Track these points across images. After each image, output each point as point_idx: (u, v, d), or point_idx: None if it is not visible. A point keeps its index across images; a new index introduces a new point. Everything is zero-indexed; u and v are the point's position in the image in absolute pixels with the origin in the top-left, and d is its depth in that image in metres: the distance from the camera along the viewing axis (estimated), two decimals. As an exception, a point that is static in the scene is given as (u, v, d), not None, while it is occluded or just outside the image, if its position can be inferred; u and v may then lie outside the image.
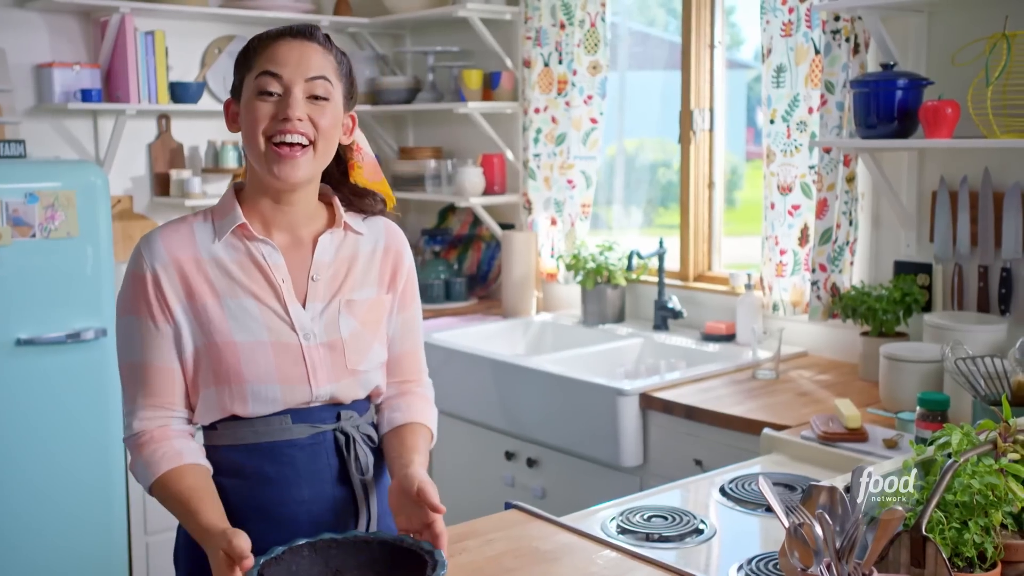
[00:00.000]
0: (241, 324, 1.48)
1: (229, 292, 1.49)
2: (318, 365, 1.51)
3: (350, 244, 1.58)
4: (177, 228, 1.51)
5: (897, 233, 2.81)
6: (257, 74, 1.46)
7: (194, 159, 3.86)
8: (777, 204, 2.95)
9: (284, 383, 1.48)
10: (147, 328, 1.48)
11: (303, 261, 1.54)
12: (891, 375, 2.41)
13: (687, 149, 3.38)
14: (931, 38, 2.67)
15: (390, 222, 1.66)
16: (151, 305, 1.47)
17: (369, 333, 1.57)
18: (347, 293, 1.56)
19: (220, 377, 1.47)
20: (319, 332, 1.52)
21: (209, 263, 1.49)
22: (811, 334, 3.02)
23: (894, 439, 2.10)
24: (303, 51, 1.47)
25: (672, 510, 1.83)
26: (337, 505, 1.54)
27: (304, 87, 1.46)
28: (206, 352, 1.48)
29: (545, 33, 3.53)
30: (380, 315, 1.60)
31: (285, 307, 1.50)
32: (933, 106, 2.42)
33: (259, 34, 1.51)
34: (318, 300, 1.53)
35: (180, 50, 3.74)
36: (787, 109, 2.89)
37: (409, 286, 1.65)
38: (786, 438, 2.19)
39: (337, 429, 1.54)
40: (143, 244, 1.49)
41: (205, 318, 1.47)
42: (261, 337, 1.48)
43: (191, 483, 1.43)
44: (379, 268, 1.60)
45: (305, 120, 1.45)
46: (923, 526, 1.25)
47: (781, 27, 2.87)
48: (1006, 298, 2.56)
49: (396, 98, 4.03)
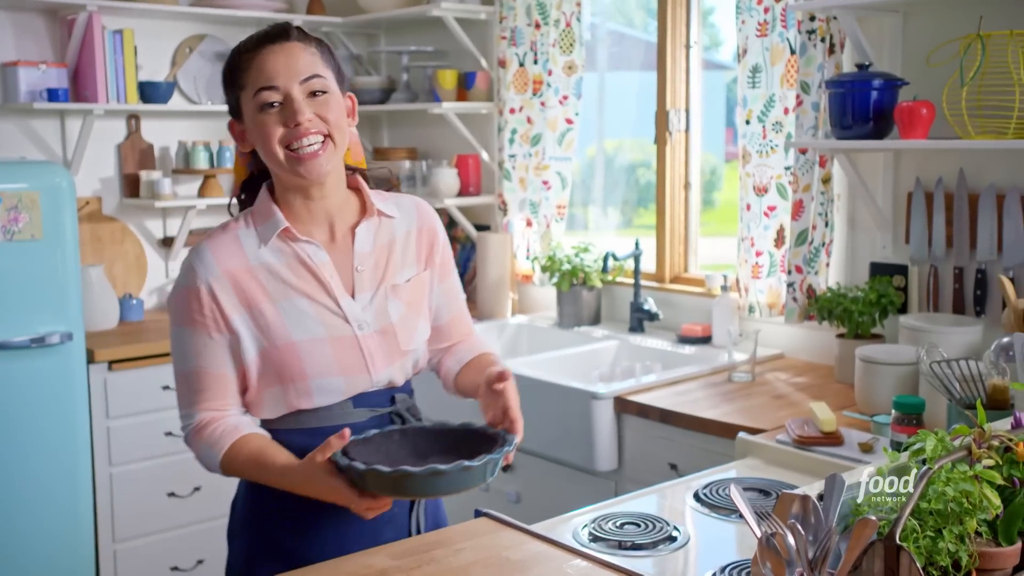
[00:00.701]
0: (297, 323, 1.55)
1: (282, 295, 1.56)
2: (374, 352, 1.59)
3: (385, 230, 1.64)
4: (223, 238, 1.57)
5: (873, 234, 2.80)
6: (253, 92, 1.51)
7: (164, 160, 3.81)
8: (753, 205, 2.93)
9: (345, 374, 1.57)
10: (201, 338, 1.54)
11: (345, 254, 1.60)
12: (866, 377, 2.39)
13: (663, 150, 3.35)
14: (906, 38, 2.65)
15: (419, 200, 1.72)
16: (206, 317, 1.53)
17: (414, 313, 1.65)
18: (391, 278, 1.63)
19: (284, 376, 1.55)
20: (371, 320, 1.59)
21: (259, 269, 1.56)
22: (787, 336, 3.00)
23: (869, 443, 2.08)
24: (288, 55, 1.51)
25: (645, 517, 1.80)
26: None
27: (300, 88, 1.50)
28: (268, 354, 1.55)
29: (520, 33, 3.49)
30: (423, 293, 1.68)
31: (336, 302, 1.58)
32: (908, 107, 2.40)
33: (238, 48, 1.54)
34: (366, 290, 1.60)
35: (150, 49, 3.68)
36: (763, 110, 2.87)
37: (446, 257, 1.73)
38: (761, 442, 2.17)
39: (393, 412, 1.64)
40: (195, 258, 1.55)
41: (263, 322, 1.54)
42: (318, 334, 1.55)
43: (257, 443, 1.54)
44: (415, 247, 1.67)
45: (314, 119, 1.50)
46: (897, 535, 1.23)
47: (757, 27, 2.85)
48: (981, 300, 2.55)
49: (370, 98, 3.99)
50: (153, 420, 3.23)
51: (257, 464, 1.53)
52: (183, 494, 3.29)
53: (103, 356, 3.12)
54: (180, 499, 3.29)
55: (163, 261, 3.84)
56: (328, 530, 1.60)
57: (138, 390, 3.20)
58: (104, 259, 3.64)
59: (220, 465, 1.57)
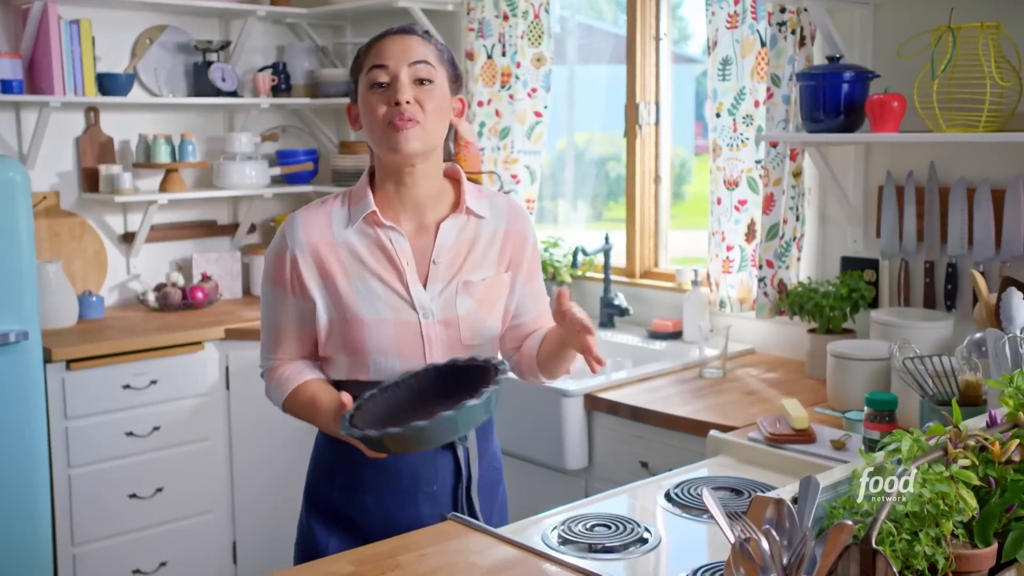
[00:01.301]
0: (367, 302, 1.65)
1: (358, 274, 1.66)
2: (434, 340, 1.67)
3: (472, 228, 1.72)
4: (317, 213, 1.69)
5: (844, 228, 2.78)
6: (367, 69, 1.63)
7: (125, 153, 3.72)
8: (724, 199, 2.90)
9: (402, 356, 1.66)
10: (282, 297, 1.69)
11: (427, 245, 1.69)
12: (838, 373, 2.37)
13: (633, 143, 3.32)
14: (877, 30, 2.63)
15: (514, 203, 1.79)
16: (288, 281, 1.68)
17: (484, 311, 1.71)
18: (466, 274, 1.70)
19: (347, 347, 1.67)
20: (437, 311, 1.67)
21: (342, 247, 1.67)
22: (758, 331, 2.98)
23: (842, 440, 2.06)
24: (404, 42, 1.64)
25: (616, 518, 1.76)
26: (437, 462, 1.71)
27: (408, 71, 1.61)
28: (337, 324, 1.67)
29: (488, 24, 3.44)
30: (498, 293, 1.73)
31: (407, 288, 1.67)
32: (879, 99, 2.38)
33: (368, 40, 1.69)
34: (439, 281, 1.68)
35: (108, 40, 3.59)
36: (733, 102, 2.84)
37: (533, 260, 1.81)
38: (733, 440, 2.14)
39: None
40: (287, 227, 1.69)
41: (336, 296, 1.66)
42: (384, 315, 1.65)
43: (314, 389, 1.68)
44: (499, 249, 1.74)
45: (413, 103, 1.60)
46: (873, 538, 1.20)
47: (727, 19, 2.82)
48: (952, 294, 2.54)
49: (336, 91, 3.92)
50: (114, 420, 3.16)
51: (310, 407, 1.68)
52: (145, 495, 3.22)
53: (61, 355, 3.03)
54: (142, 500, 3.22)
55: (124, 257, 3.75)
56: (368, 496, 1.72)
57: (98, 389, 3.12)
58: (62, 255, 3.55)
59: (283, 405, 1.73)
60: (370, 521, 1.72)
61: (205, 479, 3.37)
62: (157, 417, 3.24)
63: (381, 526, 1.71)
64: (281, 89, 3.95)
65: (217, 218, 4.02)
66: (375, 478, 1.70)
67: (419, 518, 1.71)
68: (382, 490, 1.71)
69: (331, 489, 1.76)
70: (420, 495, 1.71)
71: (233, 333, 3.37)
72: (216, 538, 3.41)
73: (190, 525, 3.34)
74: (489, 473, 1.81)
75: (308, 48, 4.07)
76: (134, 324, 3.42)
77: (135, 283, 3.79)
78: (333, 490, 1.75)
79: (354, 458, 1.67)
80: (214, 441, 3.38)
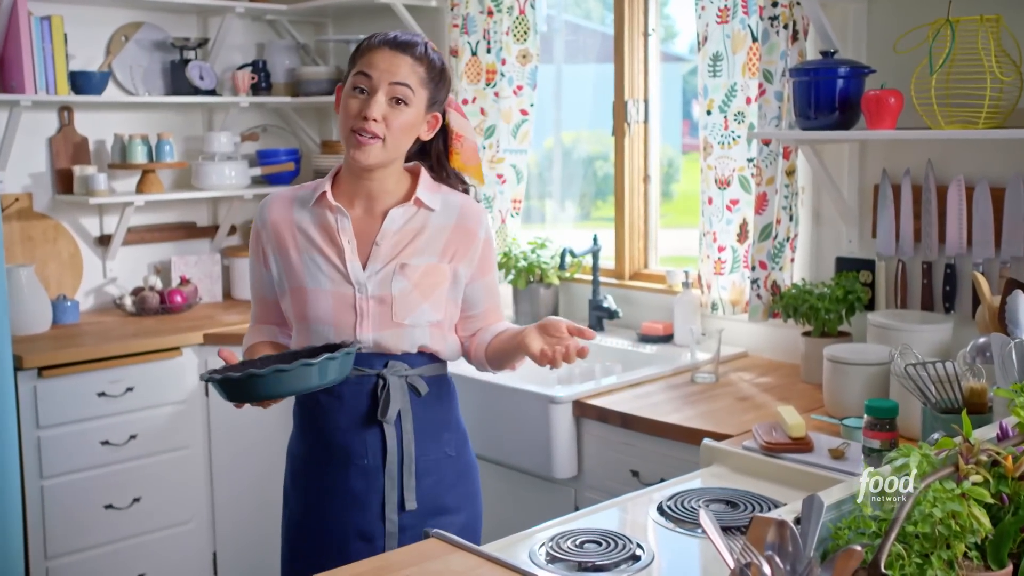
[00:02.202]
0: (311, 274, 1.83)
1: (306, 248, 1.85)
2: (367, 314, 1.82)
3: (420, 218, 1.85)
4: (285, 194, 1.91)
5: (839, 228, 2.71)
6: (355, 72, 1.79)
7: (100, 154, 3.62)
8: (715, 199, 2.82)
9: (336, 326, 1.82)
10: (255, 267, 1.93)
11: (372, 228, 1.84)
12: (835, 379, 2.30)
13: (621, 142, 3.24)
14: (872, 24, 2.56)
15: (468, 202, 1.91)
16: (257, 253, 1.91)
17: (419, 294, 1.83)
18: (404, 258, 1.83)
19: (296, 316, 1.86)
20: (373, 287, 1.82)
21: (296, 224, 1.86)
22: (751, 334, 2.91)
23: (840, 448, 1.99)
24: (394, 60, 1.77)
25: (606, 533, 1.68)
26: (367, 437, 1.84)
27: (387, 89, 1.76)
28: (289, 295, 1.86)
29: (472, 20, 3.36)
30: (436, 280, 1.85)
31: (345, 263, 1.82)
32: (875, 96, 2.31)
33: (373, 35, 1.82)
34: (378, 261, 1.82)
35: (82, 37, 3.49)
36: (724, 99, 2.77)
37: (485, 256, 1.91)
38: (727, 449, 2.06)
39: (378, 375, 1.83)
40: (260, 206, 1.91)
41: (289, 267, 1.85)
42: (324, 286, 1.82)
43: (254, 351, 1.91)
44: (444, 242, 1.85)
45: (380, 121, 1.76)
46: (882, 562, 1.12)
47: (717, 13, 2.74)
48: (950, 296, 2.47)
49: (317, 89, 3.83)
50: (88, 429, 3.06)
51: None
52: (121, 506, 3.12)
53: (32, 362, 2.94)
54: (118, 511, 3.12)
55: (100, 260, 3.65)
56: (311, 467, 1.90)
57: (72, 397, 3.02)
58: (35, 259, 3.45)
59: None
60: (310, 489, 1.90)
61: (184, 488, 3.27)
62: (134, 425, 3.15)
63: (318, 494, 1.89)
64: (261, 88, 3.86)
65: (196, 220, 3.92)
66: (315, 448, 1.89)
67: (350, 490, 1.85)
68: (320, 460, 1.88)
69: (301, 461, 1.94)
70: (351, 467, 1.85)
71: (212, 338, 3.28)
72: (196, 549, 3.31)
73: (168, 536, 3.24)
74: (438, 463, 1.90)
75: (289, 46, 3.98)
76: (110, 329, 3.33)
77: (112, 287, 3.69)
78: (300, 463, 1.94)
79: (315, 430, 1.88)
80: (193, 449, 3.29)
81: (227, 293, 3.89)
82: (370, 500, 1.84)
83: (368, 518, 1.84)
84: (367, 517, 1.84)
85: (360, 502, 1.84)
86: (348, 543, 1.84)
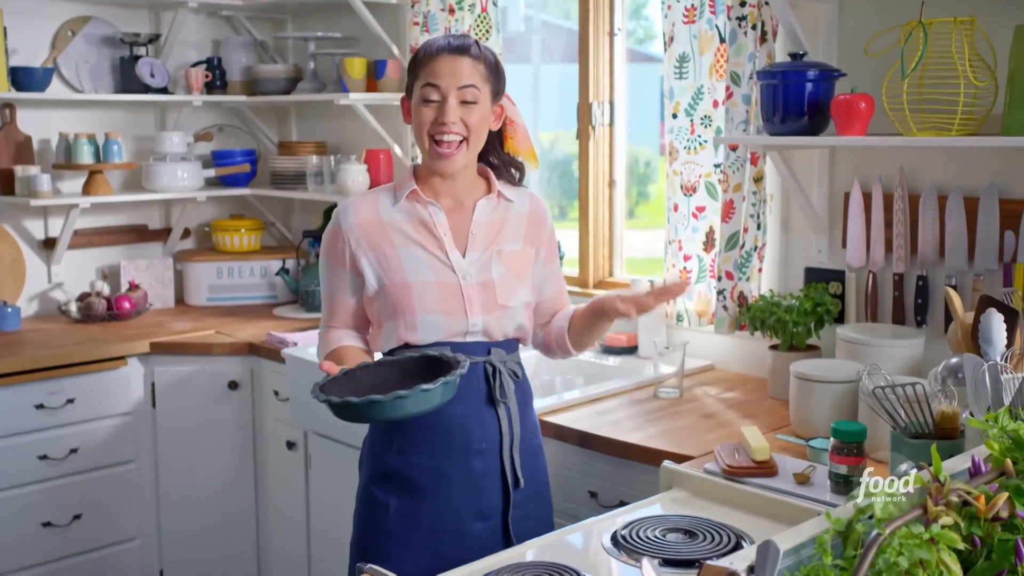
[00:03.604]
0: (413, 268, 1.89)
1: (403, 244, 1.90)
2: (474, 300, 1.89)
3: (502, 208, 1.98)
4: (365, 198, 1.96)
5: (808, 238, 2.61)
6: (422, 84, 1.86)
7: (44, 154, 3.48)
8: (681, 205, 2.72)
9: (446, 314, 1.87)
10: (335, 270, 1.95)
11: (464, 220, 1.94)
12: (802, 396, 2.19)
13: (586, 145, 3.13)
14: (842, 26, 2.46)
15: (535, 196, 2.05)
16: (339, 256, 1.93)
17: (514, 277, 1.94)
18: (499, 245, 1.95)
19: (397, 311, 1.88)
20: (474, 274, 1.91)
21: (388, 222, 1.92)
22: (717, 346, 2.80)
23: (806, 473, 1.88)
24: (456, 65, 1.85)
25: (555, 568, 1.57)
26: (484, 421, 1.90)
27: (457, 94, 1.84)
28: (387, 291, 1.89)
29: (433, 18, 3.23)
30: (525, 264, 1.97)
31: (446, 254, 1.90)
32: (846, 100, 2.21)
33: (428, 43, 1.89)
34: (476, 250, 1.92)
35: (25, 31, 3.35)
36: (691, 102, 2.66)
37: (551, 243, 2.05)
38: (688, 472, 1.95)
39: (487, 361, 1.90)
40: (340, 211, 1.94)
41: (386, 264, 1.89)
42: (428, 278, 1.88)
43: (343, 353, 1.90)
44: (524, 228, 1.99)
45: (458, 122, 1.85)
46: (843, 618, 1.02)
47: (684, 13, 2.64)
48: (922, 309, 2.37)
49: (275, 88, 3.70)
50: (26, 443, 2.92)
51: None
52: (61, 523, 2.98)
53: (-35, 373, 2.80)
54: (58, 529, 2.98)
55: (44, 264, 3.51)
56: (423, 454, 1.90)
57: (8, 410, 2.88)
58: (-25, 263, 3.31)
59: None
60: (424, 477, 1.90)
61: (129, 504, 3.13)
62: (74, 439, 3.01)
63: (434, 481, 1.90)
64: (216, 86, 3.73)
65: (148, 222, 3.78)
66: (429, 437, 1.88)
67: (471, 473, 1.90)
68: (436, 448, 1.89)
69: (387, 452, 1.92)
70: (471, 452, 1.89)
71: (159, 347, 3.14)
72: (141, 567, 3.17)
73: (112, 554, 3.10)
74: (529, 440, 1.98)
75: (245, 42, 3.85)
76: (52, 337, 3.18)
77: (57, 292, 3.54)
78: (390, 453, 1.92)
79: (406, 421, 1.83)
80: (139, 463, 3.15)
81: (179, 299, 3.75)
82: (487, 481, 1.91)
83: (487, 498, 1.91)
84: (486, 497, 1.91)
85: (479, 482, 1.91)
86: (467, 523, 1.90)
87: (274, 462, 3.15)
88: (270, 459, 3.17)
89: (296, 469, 3.04)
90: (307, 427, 2.95)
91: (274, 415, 3.13)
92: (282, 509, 3.15)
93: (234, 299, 3.71)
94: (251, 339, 3.17)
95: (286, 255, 3.75)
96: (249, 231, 3.79)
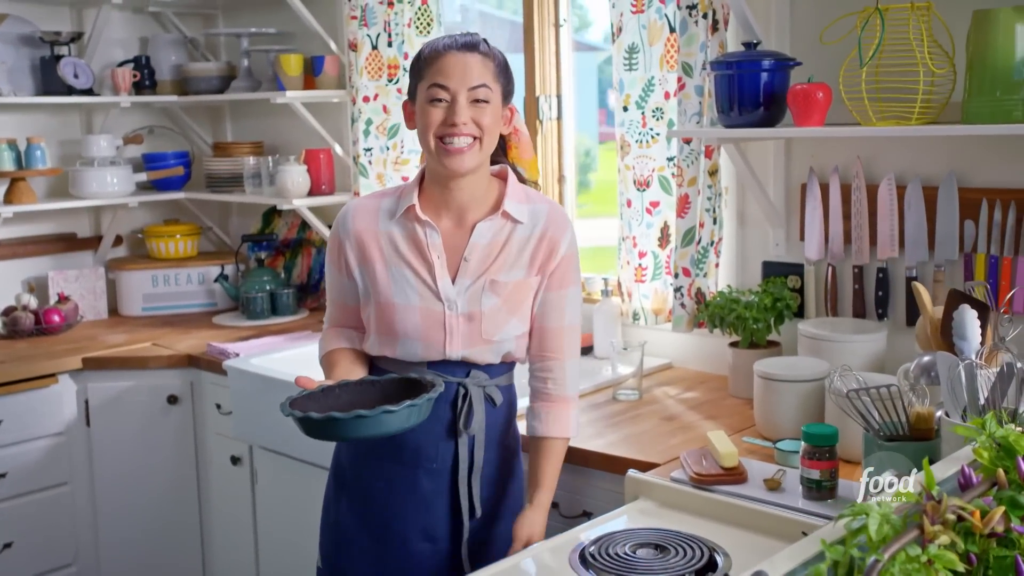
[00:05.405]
0: (399, 289, 1.80)
1: (394, 262, 1.82)
2: (456, 331, 1.79)
3: (506, 231, 1.82)
4: (366, 203, 1.87)
5: (765, 231, 2.55)
6: (428, 85, 1.74)
7: (-39, 161, 3.28)
8: (634, 201, 2.64)
9: (425, 341, 1.80)
10: (335, 275, 1.90)
11: (461, 242, 1.81)
12: (767, 397, 2.13)
13: (534, 140, 3.03)
14: (796, 13, 2.40)
15: (556, 210, 1.86)
16: (337, 263, 1.88)
17: (507, 310, 1.81)
18: (493, 273, 1.80)
19: (380, 327, 1.83)
20: (462, 304, 1.79)
21: (383, 236, 1.83)
22: (676, 344, 2.73)
23: (776, 478, 1.81)
24: (466, 63, 1.73)
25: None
26: (439, 445, 1.82)
27: (467, 94, 1.73)
28: (373, 305, 1.83)
29: (372, 12, 3.11)
30: (523, 295, 1.82)
31: (435, 280, 1.79)
32: (803, 90, 2.15)
33: (430, 43, 1.78)
34: (467, 277, 1.80)
35: (-64, 32, 3.16)
36: (641, 94, 2.58)
37: (566, 269, 1.84)
38: (654, 481, 1.87)
39: (460, 383, 1.80)
40: (341, 215, 1.87)
41: (374, 280, 1.82)
42: (413, 302, 1.80)
43: (335, 359, 1.87)
44: (531, 253, 1.82)
45: (469, 123, 1.73)
46: (842, 655, 0.94)
47: (632, 3, 2.55)
48: (883, 301, 2.33)
49: (207, 87, 3.55)
50: (-49, 469, 2.76)
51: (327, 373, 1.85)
52: (-8, 553, 2.82)
53: None
54: (-12, 559, 2.82)
55: (-34, 278, 3.32)
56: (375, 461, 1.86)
57: (-71, 435, 2.71)
58: None
59: (321, 360, 1.93)
60: (373, 486, 1.86)
61: (64, 529, 2.97)
62: (3, 463, 2.85)
63: (382, 491, 1.85)
64: (145, 86, 3.57)
65: (77, 231, 3.61)
66: (379, 447, 1.83)
67: (417, 490, 1.83)
68: (384, 457, 1.84)
69: (347, 455, 1.91)
70: (420, 469, 1.82)
71: (92, 362, 2.99)
72: (80, 594, 3.02)
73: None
74: (500, 466, 1.89)
75: (175, 40, 3.68)
76: (-25, 356, 3.01)
77: (-20, 307, 3.36)
78: (350, 456, 1.90)
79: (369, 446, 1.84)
80: (73, 485, 3.00)
81: (113, 309, 3.59)
82: (437, 502, 1.84)
83: (433, 519, 1.84)
84: (433, 518, 1.84)
85: (427, 503, 1.83)
86: (412, 542, 1.84)
87: (218, 479, 3.01)
88: (214, 476, 3.03)
89: (242, 485, 2.90)
90: (252, 441, 2.82)
91: (216, 429, 2.99)
92: (228, 527, 3.02)
93: (171, 308, 3.56)
94: (190, 351, 3.03)
95: (225, 261, 3.61)
96: (185, 236, 3.64)
